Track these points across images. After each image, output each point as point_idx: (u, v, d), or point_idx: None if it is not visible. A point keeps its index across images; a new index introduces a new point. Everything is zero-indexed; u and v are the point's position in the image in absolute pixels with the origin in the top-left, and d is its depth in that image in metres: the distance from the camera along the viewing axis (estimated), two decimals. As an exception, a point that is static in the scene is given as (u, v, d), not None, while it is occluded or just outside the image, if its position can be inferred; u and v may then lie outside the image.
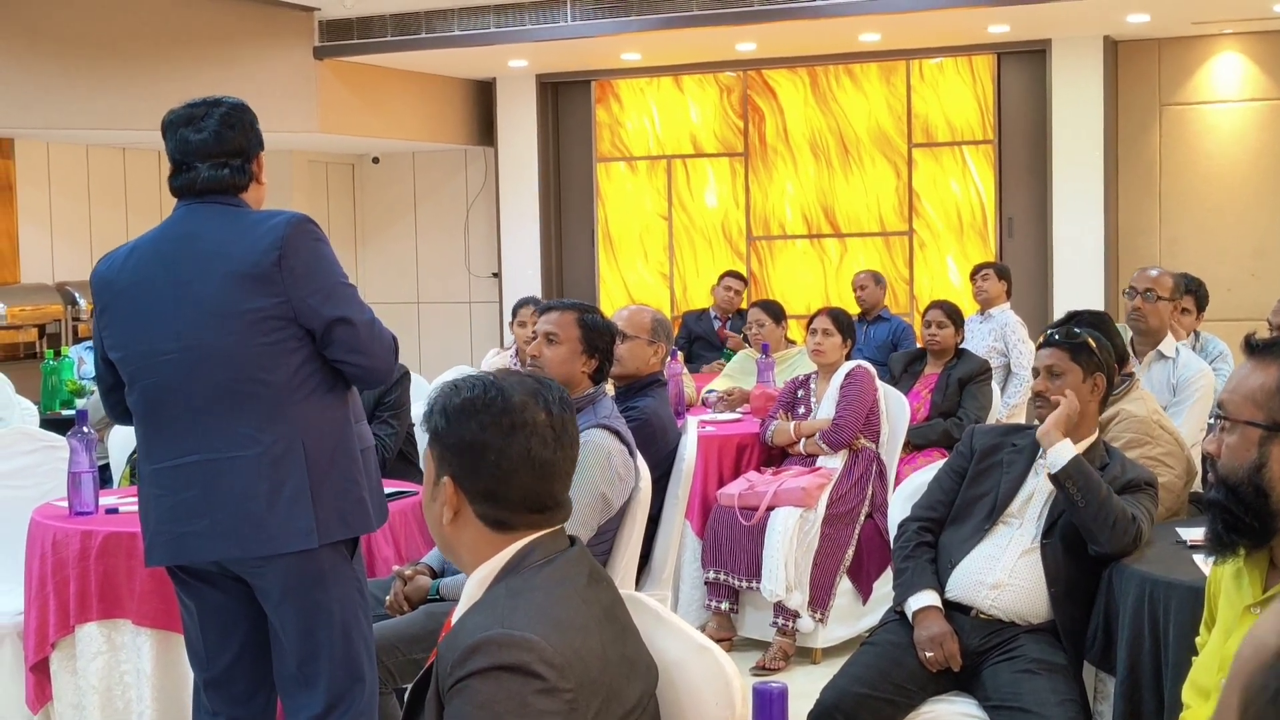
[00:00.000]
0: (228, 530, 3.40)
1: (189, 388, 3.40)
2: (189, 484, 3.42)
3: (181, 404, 3.41)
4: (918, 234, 11.56)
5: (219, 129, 3.51)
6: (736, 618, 6.15)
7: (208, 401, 3.40)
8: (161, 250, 3.46)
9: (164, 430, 3.45)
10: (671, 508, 4.91)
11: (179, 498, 3.42)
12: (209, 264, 3.40)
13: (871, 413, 6.25)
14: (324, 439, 3.46)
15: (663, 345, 5.40)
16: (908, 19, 9.80)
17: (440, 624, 3.91)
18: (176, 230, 3.48)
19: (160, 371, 3.42)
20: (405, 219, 13.15)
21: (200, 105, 3.55)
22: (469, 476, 2.25)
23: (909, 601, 3.96)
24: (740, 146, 12.00)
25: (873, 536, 6.10)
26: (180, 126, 3.52)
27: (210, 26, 10.16)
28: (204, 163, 3.49)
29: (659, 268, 12.32)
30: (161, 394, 3.43)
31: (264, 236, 3.39)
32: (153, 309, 3.42)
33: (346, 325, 3.43)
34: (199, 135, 3.49)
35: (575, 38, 10.29)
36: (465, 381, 2.31)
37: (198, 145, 3.49)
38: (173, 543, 3.45)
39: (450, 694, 2.07)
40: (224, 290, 3.38)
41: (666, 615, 2.40)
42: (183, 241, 3.45)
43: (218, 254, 3.40)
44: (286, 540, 3.40)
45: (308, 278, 3.41)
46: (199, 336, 3.39)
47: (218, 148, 3.50)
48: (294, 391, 3.42)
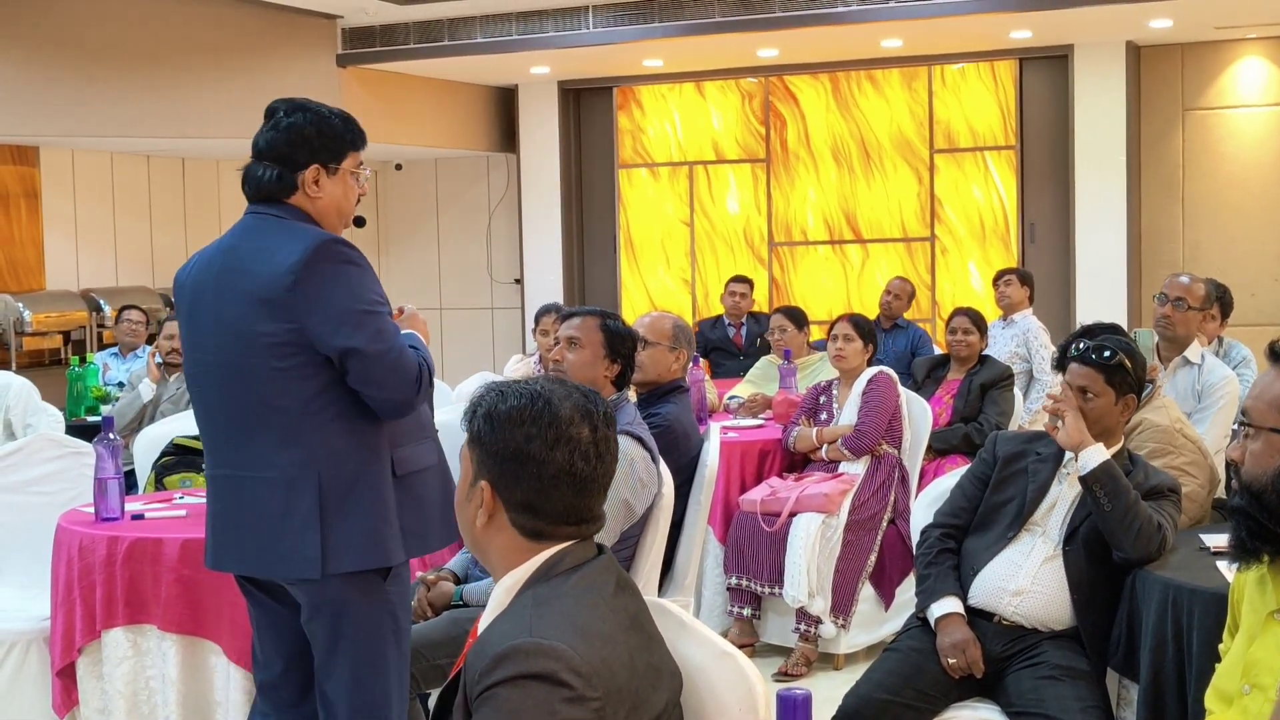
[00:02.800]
0: (247, 547, 3.41)
1: (222, 402, 3.42)
2: (219, 496, 3.47)
3: (218, 415, 3.45)
4: (940, 240, 11.55)
5: (275, 129, 3.46)
6: (759, 624, 6.14)
7: (234, 417, 3.40)
8: (214, 260, 3.45)
9: (208, 438, 3.50)
10: (694, 514, 4.92)
11: (216, 507, 3.48)
12: (236, 281, 3.36)
13: (894, 418, 6.25)
14: (343, 466, 3.34)
15: (684, 351, 5.41)
16: (930, 25, 9.79)
17: (464, 630, 3.93)
18: (233, 241, 3.45)
19: (205, 380, 3.45)
20: (428, 225, 13.19)
21: (283, 102, 3.52)
22: (508, 485, 2.25)
23: (931, 608, 3.96)
24: (762, 152, 12.00)
25: (895, 542, 6.09)
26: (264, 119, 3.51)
27: (234, 35, 10.21)
28: (255, 161, 3.47)
29: (681, 274, 12.32)
30: (206, 402, 3.48)
31: (285, 259, 3.29)
32: (201, 318, 3.43)
33: (357, 356, 3.28)
34: (262, 132, 3.49)
35: (597, 44, 10.31)
36: (513, 388, 2.29)
37: (257, 141, 3.49)
38: (213, 550, 3.51)
39: (478, 702, 2.07)
40: (241, 311, 3.33)
41: (690, 622, 2.40)
42: (229, 253, 3.42)
43: (244, 272, 3.34)
44: (291, 566, 3.34)
45: (320, 305, 3.28)
46: (226, 353, 3.37)
47: (266, 148, 3.46)
48: (311, 417, 3.32)
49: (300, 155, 3.44)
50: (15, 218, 10.15)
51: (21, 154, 10.19)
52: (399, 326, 3.47)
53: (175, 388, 7.41)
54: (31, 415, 6.68)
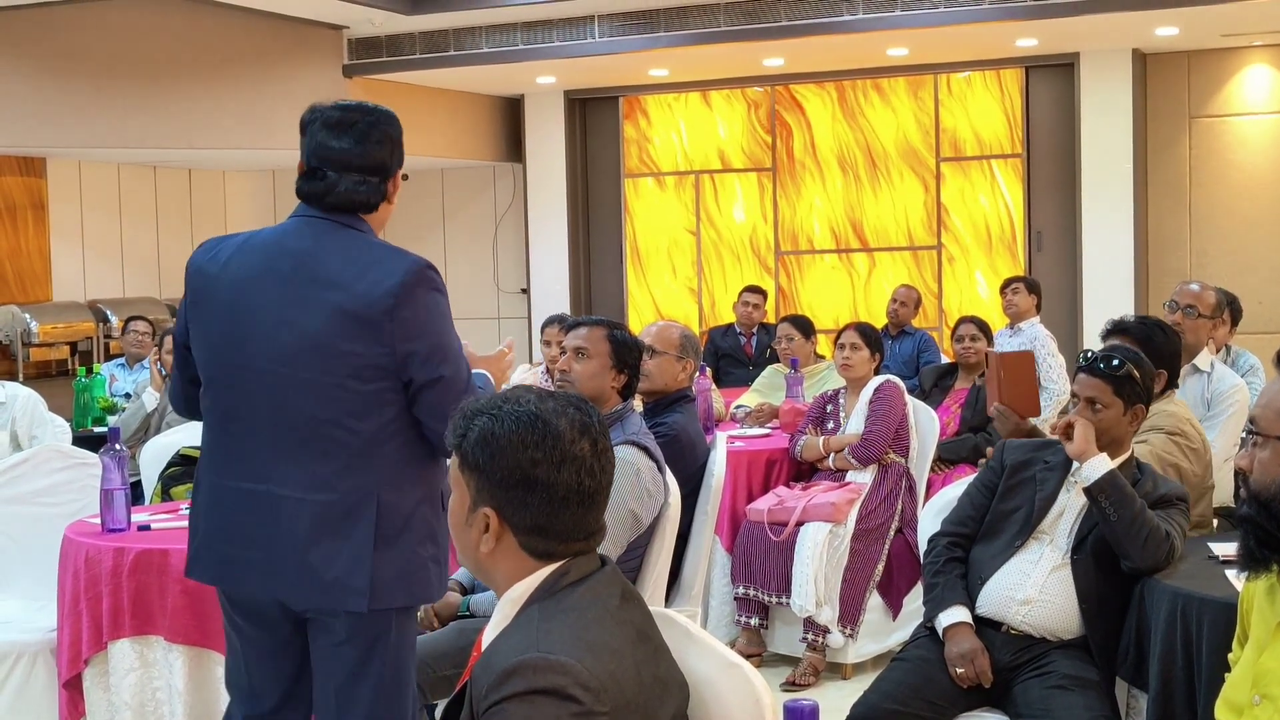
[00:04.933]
0: (281, 571, 3.17)
1: (273, 414, 3.18)
2: (250, 510, 3.20)
3: (261, 427, 3.19)
4: (946, 248, 11.54)
5: (364, 139, 3.25)
6: (766, 633, 6.13)
7: (290, 433, 3.17)
8: (275, 260, 3.20)
9: (236, 446, 3.22)
10: (701, 523, 4.91)
11: (235, 519, 3.22)
12: (322, 293, 3.15)
13: (901, 427, 6.24)
14: (403, 497, 3.20)
15: (691, 361, 5.40)
16: (935, 33, 9.79)
17: (470, 640, 3.92)
18: (295, 243, 3.22)
19: (246, 387, 3.20)
20: (434, 235, 13.19)
21: (351, 109, 3.28)
22: (515, 510, 2.21)
23: (939, 617, 3.95)
24: (768, 161, 12.00)
25: (902, 552, 6.08)
26: (323, 128, 3.26)
27: (240, 46, 10.22)
28: (341, 174, 3.23)
29: (687, 283, 12.32)
30: (242, 409, 3.21)
31: (384, 280, 3.15)
32: (253, 320, 3.18)
33: (441, 386, 3.19)
34: (340, 143, 3.23)
35: (603, 54, 10.32)
36: (504, 410, 2.22)
37: (339, 153, 3.23)
38: (219, 564, 3.26)
39: (485, 717, 2.06)
40: (331, 326, 3.14)
41: (696, 632, 2.39)
42: (300, 258, 3.19)
43: (333, 284, 3.15)
44: (335, 598, 3.16)
45: (421, 333, 3.18)
46: (295, 365, 3.16)
47: (360, 160, 3.24)
48: (382, 444, 3.19)
49: (393, 162, 3.32)
50: (22, 229, 10.17)
51: (29, 165, 10.21)
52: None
53: (181, 398, 7.39)
54: (38, 426, 6.69)
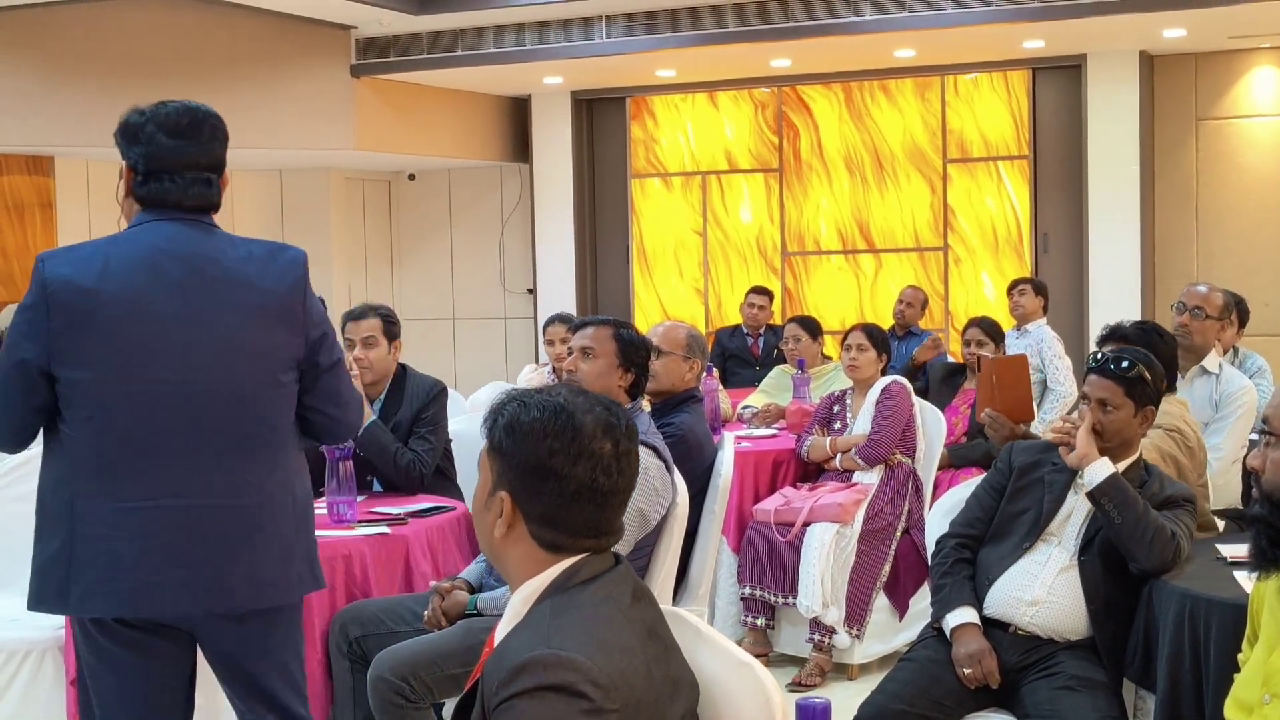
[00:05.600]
0: (211, 583, 3.12)
1: (183, 425, 3.10)
2: (165, 529, 3.09)
3: (169, 441, 3.09)
4: (953, 250, 11.53)
5: (205, 138, 3.23)
6: (772, 633, 6.14)
7: (206, 442, 3.12)
8: (163, 268, 3.12)
9: (136, 466, 3.08)
10: (708, 523, 4.92)
11: (150, 543, 3.08)
12: (233, 293, 3.16)
13: (908, 428, 6.24)
14: (304, 486, 3.31)
15: (698, 361, 5.40)
16: (943, 35, 9.78)
17: (478, 639, 3.94)
18: (177, 247, 3.16)
19: (150, 403, 3.09)
20: (441, 235, 13.19)
21: (184, 110, 3.23)
22: (528, 498, 2.24)
23: (947, 618, 3.95)
24: (775, 162, 11.99)
25: (909, 552, 6.08)
26: (160, 130, 3.20)
27: (248, 45, 10.23)
28: (188, 175, 3.20)
29: (694, 284, 12.32)
30: (142, 426, 3.08)
31: (287, 270, 3.23)
32: (151, 333, 3.09)
33: (338, 368, 3.31)
34: (182, 143, 3.20)
35: (610, 54, 10.31)
36: (535, 399, 2.27)
37: (183, 154, 3.19)
38: (135, 592, 3.08)
39: (496, 713, 2.07)
40: (251, 324, 3.16)
41: (707, 631, 2.40)
42: (192, 262, 3.15)
43: (242, 284, 3.17)
44: (280, 591, 3.23)
45: (319, 318, 3.28)
46: (210, 371, 3.12)
47: (205, 159, 3.23)
48: (290, 437, 3.27)
49: (224, 161, 3.32)
50: (30, 227, 10.18)
51: (36, 164, 10.21)
52: None
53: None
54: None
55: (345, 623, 4.28)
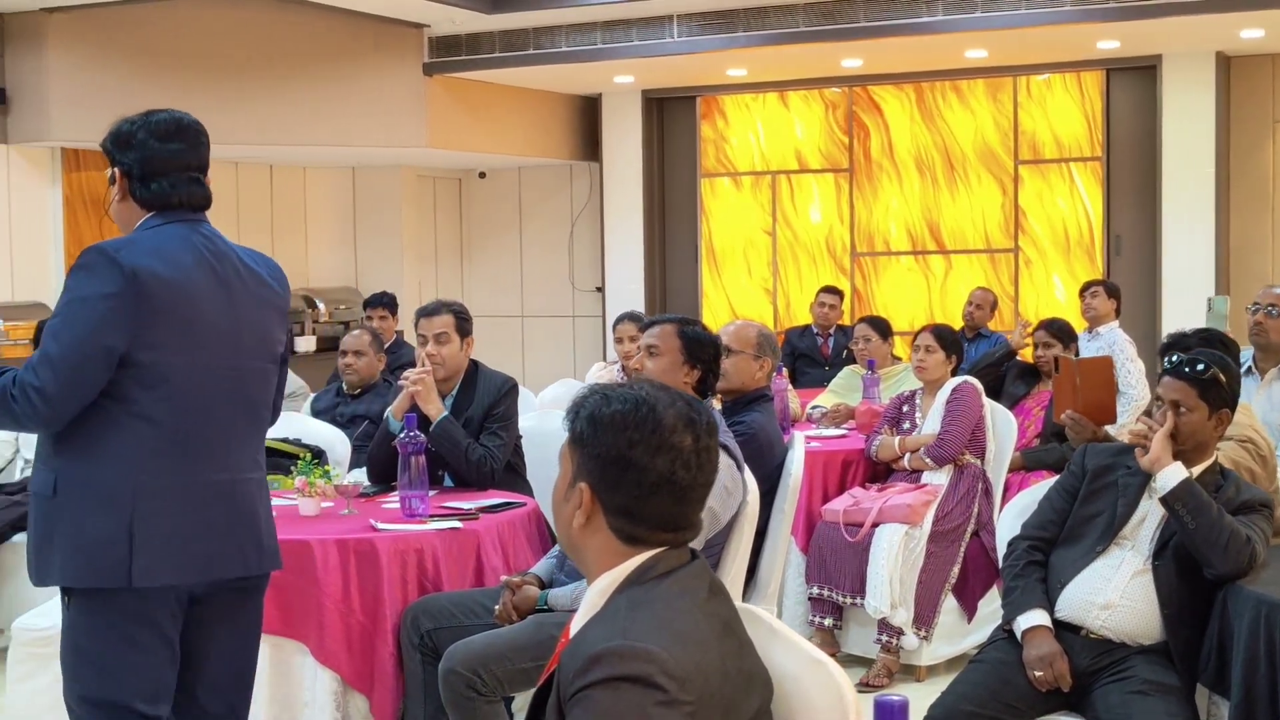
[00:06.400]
0: (243, 549, 3.42)
1: (225, 408, 3.38)
2: (216, 501, 3.37)
3: (216, 421, 3.37)
4: (1023, 251, 11.47)
5: (198, 143, 3.47)
6: (840, 634, 6.13)
7: (236, 422, 3.42)
8: (207, 262, 3.38)
9: (199, 444, 3.34)
10: (778, 522, 4.91)
11: (206, 514, 3.35)
12: (255, 289, 3.46)
13: (977, 429, 6.21)
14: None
15: (768, 360, 5.39)
16: (1015, 35, 9.73)
17: (548, 634, 3.96)
18: (210, 245, 3.41)
19: (211, 384, 3.35)
20: (510, 233, 13.25)
21: (172, 116, 3.45)
22: (608, 489, 2.26)
23: (1018, 620, 3.94)
24: (845, 162, 11.97)
25: (978, 554, 6.06)
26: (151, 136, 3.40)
27: (323, 44, 10.32)
28: (185, 175, 3.43)
29: (762, 283, 12.31)
30: (208, 407, 3.35)
31: (278, 272, 3.56)
32: (210, 321, 3.35)
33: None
34: (181, 147, 3.43)
35: (681, 54, 10.33)
36: (618, 392, 2.30)
37: (183, 157, 3.43)
38: (195, 561, 3.34)
39: (572, 703, 2.09)
40: (267, 317, 3.49)
41: (780, 628, 2.40)
42: (222, 259, 3.41)
43: (259, 280, 3.48)
44: (274, 560, 3.53)
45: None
46: (248, 357, 3.44)
47: (197, 161, 3.48)
48: (269, 425, 3.61)
49: (208, 163, 3.54)
50: (108, 222, 10.30)
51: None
52: None
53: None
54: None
55: (417, 615, 4.32)
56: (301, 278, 12.08)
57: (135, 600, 3.28)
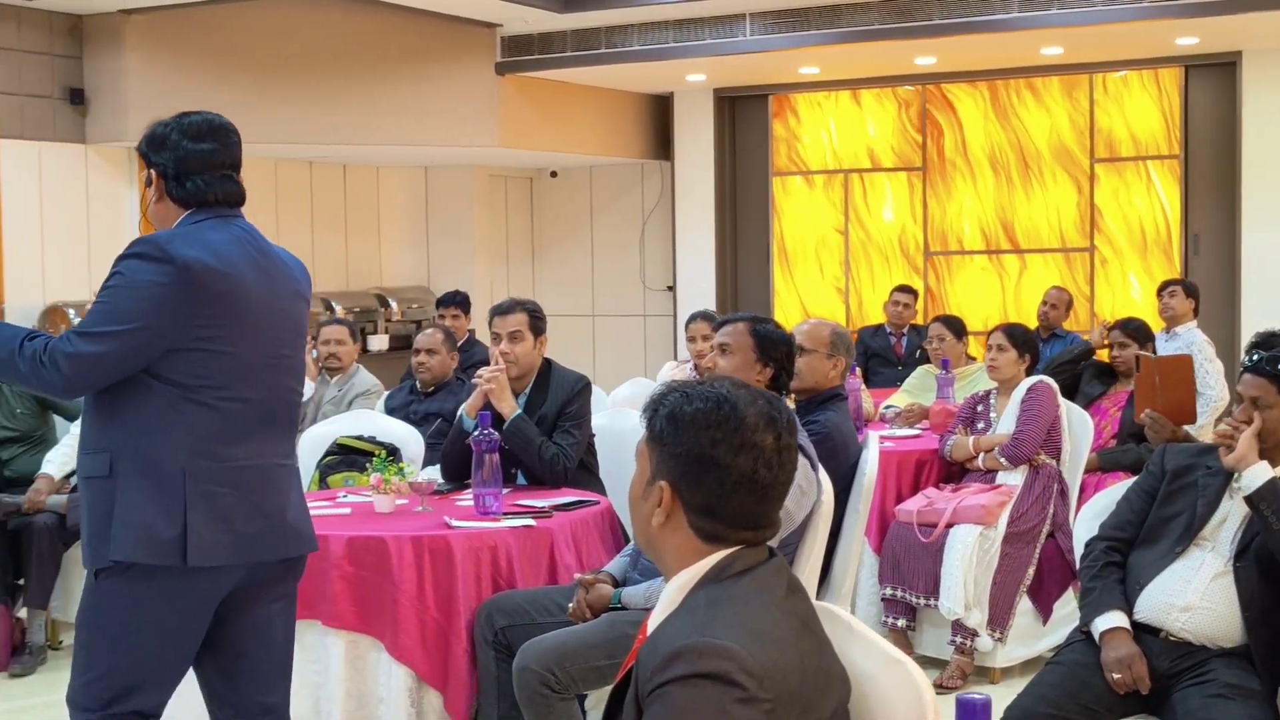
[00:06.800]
0: (286, 531, 3.53)
1: (267, 395, 3.49)
2: (260, 485, 3.48)
3: (260, 408, 3.47)
4: (1099, 250, 11.36)
5: (229, 141, 3.59)
6: (913, 635, 6.09)
7: (280, 409, 3.55)
8: (251, 256, 3.47)
9: (244, 430, 3.44)
10: (852, 522, 4.89)
11: (252, 498, 3.45)
12: (288, 283, 3.58)
13: (1053, 429, 6.16)
14: None
15: (842, 359, 5.36)
16: (1092, 32, 9.63)
17: (622, 632, 3.96)
18: (254, 240, 3.52)
19: (252, 375, 3.45)
20: (582, 232, 13.27)
21: (202, 117, 3.59)
22: (689, 488, 2.25)
23: (1096, 622, 3.90)
24: (918, 161, 11.91)
25: (1054, 556, 6.00)
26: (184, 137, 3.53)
27: (395, 43, 10.37)
28: (219, 173, 3.54)
29: (834, 282, 12.27)
30: (246, 396, 3.44)
31: (304, 269, 3.69)
32: (258, 313, 3.45)
33: None
34: (214, 146, 3.55)
35: (753, 52, 10.30)
36: (698, 390, 2.29)
37: (216, 156, 3.54)
38: (243, 541, 3.43)
39: (650, 699, 2.08)
40: (299, 309, 3.62)
41: (858, 627, 2.39)
42: (264, 253, 3.53)
43: (290, 275, 3.60)
44: (310, 542, 3.65)
45: None
46: (288, 348, 3.56)
47: (230, 159, 3.59)
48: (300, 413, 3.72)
49: (241, 161, 3.65)
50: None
51: (190, 160, 10.45)
52: None
53: (337, 389, 7.55)
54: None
55: (491, 612, 4.33)
56: (374, 277, 12.16)
57: (179, 584, 3.36)
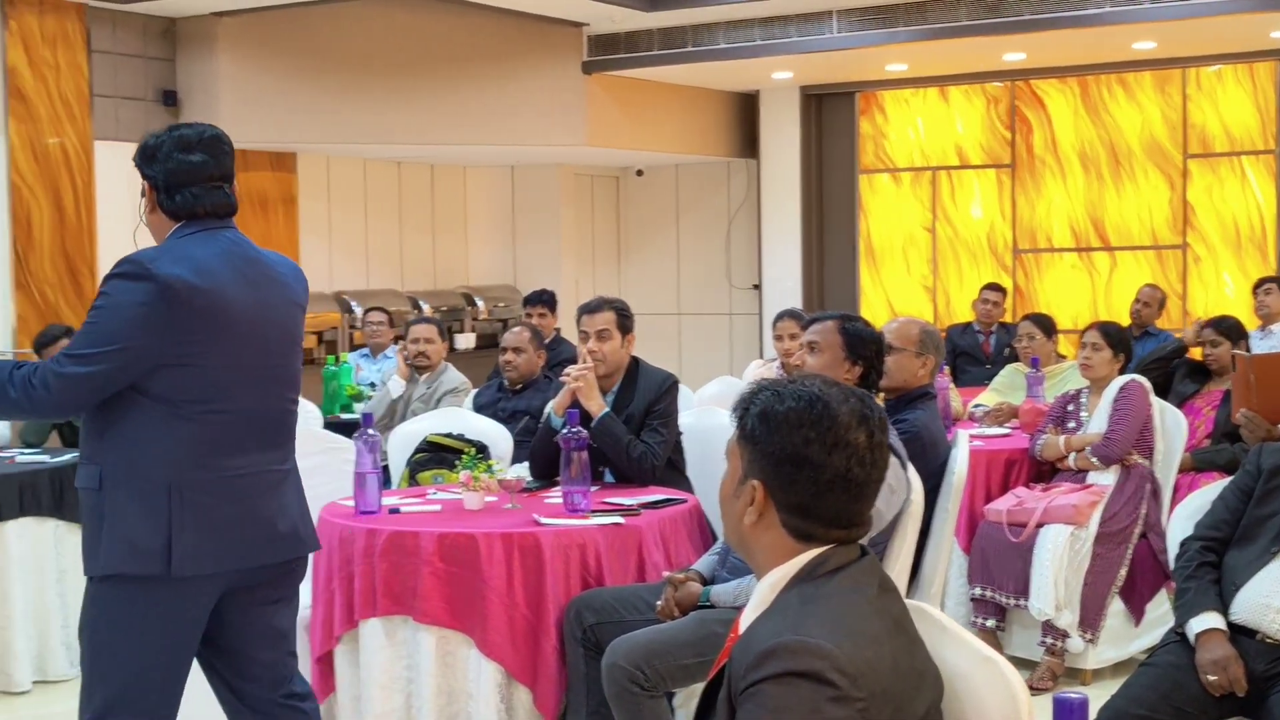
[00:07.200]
0: (280, 534, 3.60)
1: (257, 405, 3.55)
2: (251, 493, 3.54)
3: (249, 418, 3.53)
4: (1192, 248, 11.22)
5: (220, 153, 3.59)
6: (1003, 635, 6.04)
7: (273, 417, 3.61)
8: (238, 268, 3.51)
9: (234, 442, 3.50)
10: (941, 521, 4.86)
11: (238, 507, 3.50)
12: (281, 291, 3.62)
13: (1145, 428, 6.09)
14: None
15: (931, 358, 5.32)
16: (1185, 26, 9.51)
17: (711, 630, 3.96)
18: (244, 251, 3.57)
19: (239, 386, 3.49)
20: (668, 231, 13.29)
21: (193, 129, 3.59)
22: (782, 487, 2.25)
23: (1191, 623, 3.85)
24: (1007, 158, 11.81)
25: (1146, 557, 5.94)
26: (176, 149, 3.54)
27: (483, 44, 10.43)
28: (209, 185, 3.55)
29: (922, 280, 12.20)
30: (233, 407, 3.49)
31: (300, 275, 3.74)
32: (245, 325, 3.49)
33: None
34: (204, 158, 3.55)
35: (840, 49, 10.27)
36: (789, 389, 2.29)
37: (206, 168, 3.55)
38: (233, 548, 3.50)
39: (743, 698, 2.08)
40: (294, 318, 3.66)
41: (950, 626, 2.38)
42: (255, 264, 3.57)
43: (282, 283, 3.63)
44: (311, 543, 3.73)
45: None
46: (280, 358, 3.61)
47: (220, 171, 3.59)
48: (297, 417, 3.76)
49: (233, 172, 3.66)
50: (273, 221, 10.53)
51: (280, 161, 10.57)
52: None
53: (425, 387, 7.62)
54: (291, 412, 6.92)
55: (580, 609, 4.34)
56: (461, 276, 12.24)
57: (170, 592, 3.44)
